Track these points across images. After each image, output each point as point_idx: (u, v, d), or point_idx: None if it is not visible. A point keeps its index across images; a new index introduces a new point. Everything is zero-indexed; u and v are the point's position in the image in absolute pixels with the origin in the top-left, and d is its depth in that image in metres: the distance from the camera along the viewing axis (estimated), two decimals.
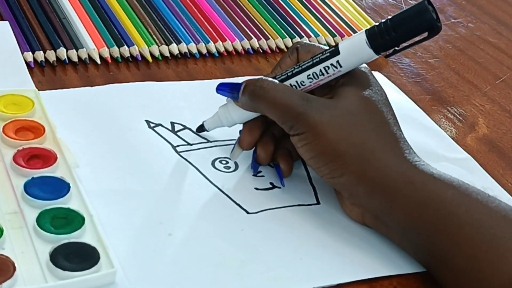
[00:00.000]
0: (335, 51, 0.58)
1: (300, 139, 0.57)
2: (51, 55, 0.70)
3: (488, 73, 0.85)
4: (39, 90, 0.64)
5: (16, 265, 0.48)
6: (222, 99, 0.65)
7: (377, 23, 0.57)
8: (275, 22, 0.84)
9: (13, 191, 0.54)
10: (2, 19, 0.74)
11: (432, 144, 0.69)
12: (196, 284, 0.51)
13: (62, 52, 0.71)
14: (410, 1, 0.97)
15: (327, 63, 0.58)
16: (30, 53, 0.70)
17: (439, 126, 0.73)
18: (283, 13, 0.86)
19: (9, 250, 0.50)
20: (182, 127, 0.66)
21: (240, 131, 0.62)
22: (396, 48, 0.57)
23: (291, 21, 0.85)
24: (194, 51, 0.76)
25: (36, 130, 0.60)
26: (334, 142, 0.56)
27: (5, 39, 0.71)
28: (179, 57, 0.75)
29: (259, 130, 0.61)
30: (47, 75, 0.69)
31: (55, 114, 0.62)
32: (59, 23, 0.75)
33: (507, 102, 0.80)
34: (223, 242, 0.55)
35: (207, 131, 0.65)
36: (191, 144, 0.64)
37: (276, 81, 0.59)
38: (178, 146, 0.63)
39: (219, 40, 0.78)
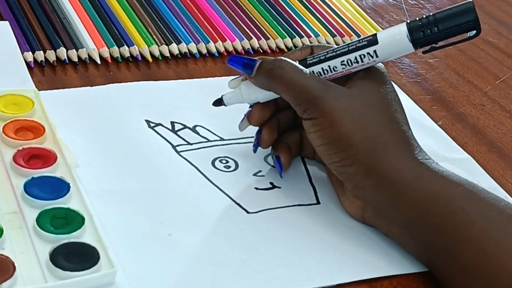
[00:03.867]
0: (373, 40, 0.58)
1: (313, 124, 0.57)
2: (51, 55, 0.70)
3: (488, 73, 0.85)
4: (39, 90, 0.65)
5: (16, 265, 0.48)
6: None
7: (419, 17, 0.57)
8: (275, 22, 0.84)
9: (13, 191, 0.54)
10: (2, 19, 0.74)
11: (432, 144, 0.68)
12: (196, 284, 0.51)
13: (62, 52, 0.71)
14: (410, 1, 0.96)
15: (364, 51, 0.58)
16: (30, 53, 0.70)
17: (439, 126, 0.73)
18: (283, 13, 0.86)
19: (9, 250, 0.50)
20: (182, 127, 0.66)
21: (251, 106, 0.62)
22: (435, 45, 0.57)
23: (291, 21, 0.85)
24: (194, 51, 0.76)
25: (36, 130, 0.60)
26: (349, 133, 0.55)
27: (5, 39, 0.71)
28: (179, 57, 0.75)
29: (270, 111, 0.61)
30: (47, 75, 0.69)
31: (55, 114, 0.62)
32: (59, 23, 0.75)
33: (507, 102, 0.80)
34: (223, 242, 0.55)
35: (225, 105, 0.63)
36: (191, 144, 0.64)
37: (296, 63, 0.59)
38: (178, 145, 0.63)
39: (219, 40, 0.78)
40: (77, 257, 0.50)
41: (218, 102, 0.63)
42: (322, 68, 0.59)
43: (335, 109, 0.56)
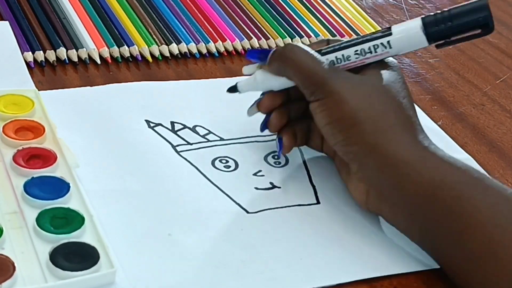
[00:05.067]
0: (387, 31, 0.59)
1: (320, 105, 0.57)
2: (51, 55, 0.70)
3: (488, 73, 0.85)
4: (39, 90, 0.64)
5: (16, 265, 0.48)
6: (223, 99, 0.65)
7: (434, 12, 0.58)
8: (275, 22, 0.84)
9: (13, 191, 0.54)
10: (2, 19, 0.74)
11: None
12: (196, 284, 0.51)
13: (62, 52, 0.71)
14: (410, 1, 0.96)
15: (378, 41, 0.58)
16: (30, 53, 0.70)
17: (439, 126, 0.73)
18: (283, 13, 0.86)
19: (9, 250, 0.50)
20: (182, 127, 0.66)
21: (262, 94, 0.62)
22: (448, 40, 0.58)
23: (291, 21, 0.85)
24: (194, 51, 0.76)
25: (36, 130, 0.60)
26: (354, 110, 0.56)
27: (5, 39, 0.71)
28: (179, 57, 0.75)
29: (280, 100, 0.62)
30: (47, 75, 0.69)
31: (55, 114, 0.62)
32: (59, 23, 0.75)
33: (507, 102, 0.80)
34: (223, 242, 0.55)
35: (239, 92, 0.63)
36: (191, 144, 0.64)
37: (307, 48, 0.60)
38: (178, 145, 0.63)
39: (219, 40, 0.78)
40: (77, 257, 0.50)
41: (233, 89, 0.64)
42: (335, 57, 0.60)
43: (341, 89, 0.57)
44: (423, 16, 0.58)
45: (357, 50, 0.59)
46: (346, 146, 0.57)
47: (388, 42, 0.58)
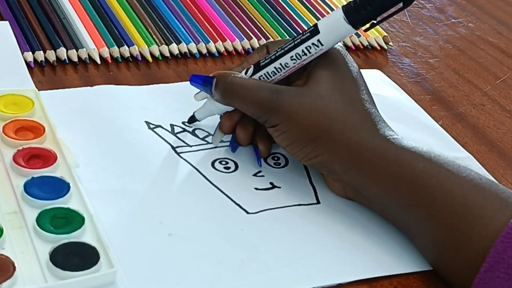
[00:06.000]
0: (314, 30, 0.59)
1: (275, 130, 0.59)
2: (51, 55, 0.70)
3: (488, 73, 0.85)
4: (39, 90, 0.65)
5: (16, 265, 0.48)
6: None
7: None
8: (275, 22, 0.84)
9: (13, 191, 0.54)
10: (2, 19, 0.74)
11: (432, 143, 0.68)
12: (196, 284, 0.51)
13: (62, 52, 0.71)
14: None
15: (309, 42, 0.59)
16: (30, 53, 0.70)
17: (439, 125, 0.73)
18: (283, 13, 0.86)
19: (9, 250, 0.50)
20: (181, 130, 0.66)
21: (221, 116, 0.63)
22: (374, 21, 0.58)
23: (291, 21, 0.85)
24: (194, 51, 0.76)
25: (36, 130, 0.60)
26: (305, 129, 0.58)
27: (5, 39, 0.71)
28: (179, 57, 0.75)
29: (238, 115, 0.62)
30: (47, 75, 0.69)
31: (55, 114, 0.62)
32: (59, 23, 0.75)
33: (507, 102, 0.80)
34: (223, 242, 0.55)
35: (199, 121, 0.66)
36: (191, 146, 0.64)
37: (244, 76, 0.61)
38: (178, 147, 0.63)
39: (219, 40, 0.78)
40: (77, 257, 0.50)
41: (192, 119, 0.66)
42: (275, 68, 0.60)
43: (289, 113, 0.58)
44: (343, 5, 0.58)
45: (292, 56, 0.60)
46: (310, 160, 0.59)
47: (318, 40, 0.59)
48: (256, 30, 0.81)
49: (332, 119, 0.58)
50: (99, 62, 0.72)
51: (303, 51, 0.59)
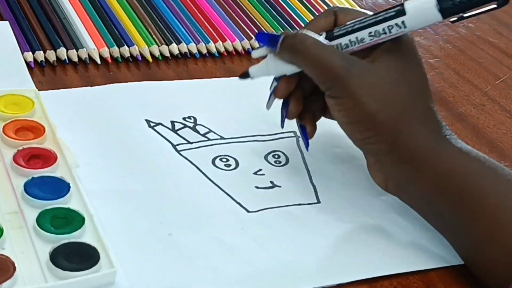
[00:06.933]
0: (400, 10, 0.57)
1: (337, 103, 0.57)
2: (51, 55, 0.70)
3: (488, 73, 0.85)
4: (39, 90, 0.65)
5: (16, 265, 0.48)
6: (224, 98, 0.65)
7: None
8: (275, 22, 0.84)
9: (13, 191, 0.54)
10: (2, 19, 0.74)
11: None
12: (196, 284, 0.51)
13: (62, 52, 0.71)
14: None
15: (391, 22, 0.57)
16: (30, 53, 0.70)
17: None
18: (283, 13, 0.86)
19: (9, 250, 0.50)
20: (182, 126, 0.66)
21: (274, 80, 0.61)
22: (463, 14, 0.56)
23: (291, 21, 0.85)
24: (194, 51, 0.76)
25: (36, 130, 0.60)
26: (372, 113, 0.56)
27: (5, 39, 0.71)
28: (179, 57, 0.75)
29: (295, 82, 0.60)
30: (47, 75, 0.69)
31: (55, 114, 0.62)
32: (59, 23, 0.75)
33: (507, 102, 0.80)
34: (223, 241, 0.55)
35: (252, 78, 0.62)
36: (192, 143, 0.64)
37: (318, 37, 0.58)
38: (178, 145, 0.63)
39: (219, 40, 0.78)
40: (77, 257, 0.50)
41: (245, 75, 0.63)
42: (349, 40, 0.58)
43: (358, 90, 0.56)
44: None
45: (371, 32, 0.57)
46: (366, 145, 0.58)
47: (403, 22, 0.57)
48: (256, 30, 0.81)
49: (402, 109, 0.56)
50: (99, 62, 0.72)
51: (383, 29, 0.57)
